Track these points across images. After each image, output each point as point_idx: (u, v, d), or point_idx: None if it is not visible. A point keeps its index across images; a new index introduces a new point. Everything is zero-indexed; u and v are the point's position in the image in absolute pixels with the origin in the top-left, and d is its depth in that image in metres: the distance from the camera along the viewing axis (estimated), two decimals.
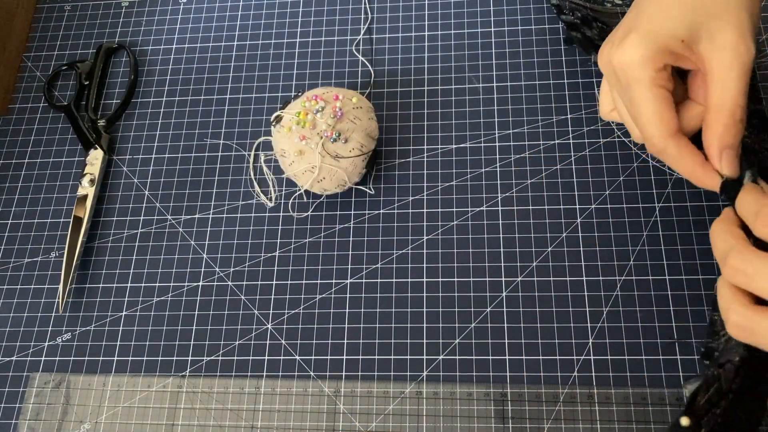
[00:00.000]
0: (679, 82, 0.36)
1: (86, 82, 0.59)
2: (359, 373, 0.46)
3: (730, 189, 0.33)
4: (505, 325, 0.46)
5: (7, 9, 0.61)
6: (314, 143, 0.47)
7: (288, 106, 0.50)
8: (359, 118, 0.48)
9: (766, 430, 0.38)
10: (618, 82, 0.35)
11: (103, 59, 0.60)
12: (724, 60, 0.32)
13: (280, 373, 0.47)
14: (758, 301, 0.30)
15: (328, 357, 0.47)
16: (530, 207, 0.50)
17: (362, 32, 0.58)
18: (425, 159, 0.53)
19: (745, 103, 0.33)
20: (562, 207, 0.49)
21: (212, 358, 0.48)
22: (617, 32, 0.36)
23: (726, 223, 0.33)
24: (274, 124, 0.50)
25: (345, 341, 0.47)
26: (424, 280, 0.49)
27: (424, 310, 0.48)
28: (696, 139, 0.35)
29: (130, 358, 0.49)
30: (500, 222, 0.50)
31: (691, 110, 0.35)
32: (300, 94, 0.51)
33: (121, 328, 0.50)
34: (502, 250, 0.49)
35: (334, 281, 0.49)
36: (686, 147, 0.34)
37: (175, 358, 0.49)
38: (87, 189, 0.54)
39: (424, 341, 0.47)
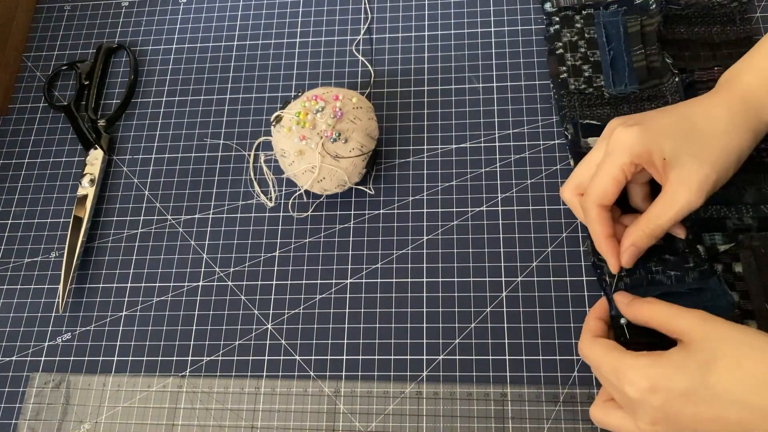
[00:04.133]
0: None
1: (86, 82, 0.59)
2: (359, 373, 0.46)
3: (611, 274, 0.43)
4: (505, 325, 0.46)
5: (7, 9, 0.61)
6: (314, 143, 0.47)
7: (288, 106, 0.50)
8: (359, 118, 0.48)
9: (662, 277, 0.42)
10: (606, 146, 0.41)
11: (103, 59, 0.60)
12: (679, 194, 0.39)
13: (280, 373, 0.47)
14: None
15: (328, 357, 0.47)
16: (530, 207, 0.50)
17: (362, 32, 0.58)
18: (425, 159, 0.53)
19: (668, 228, 0.40)
20: (562, 207, 0.49)
21: (212, 358, 0.48)
22: (634, 117, 0.41)
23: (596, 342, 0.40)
24: (274, 124, 0.50)
25: (345, 341, 0.47)
26: (424, 280, 0.49)
27: (424, 310, 0.48)
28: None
29: (130, 358, 0.49)
30: (500, 222, 0.50)
31: (637, 200, 0.44)
32: (300, 94, 0.51)
33: (121, 328, 0.50)
34: (502, 250, 0.49)
35: (334, 281, 0.49)
36: (604, 220, 0.41)
37: (175, 358, 0.49)
38: (87, 189, 0.54)
39: (424, 341, 0.47)
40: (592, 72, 0.52)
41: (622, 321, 0.41)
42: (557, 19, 0.54)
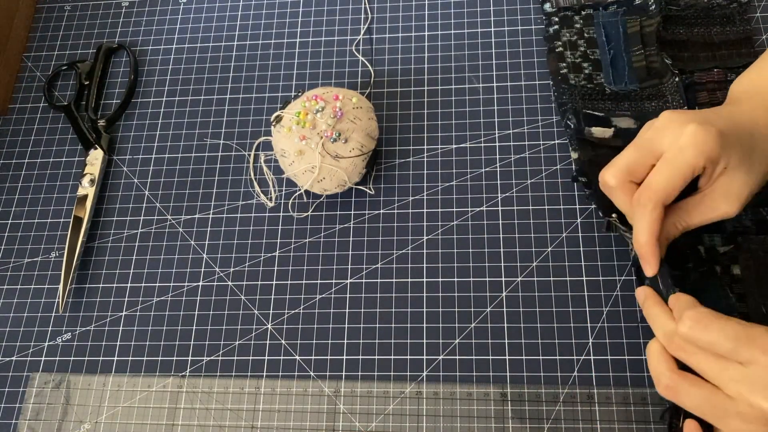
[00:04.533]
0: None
1: (86, 82, 0.59)
2: (359, 373, 0.46)
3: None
4: (505, 325, 0.46)
5: (7, 9, 0.61)
6: (314, 143, 0.47)
7: (288, 106, 0.50)
8: (359, 118, 0.48)
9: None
10: (676, 140, 0.38)
11: (103, 59, 0.60)
12: (720, 204, 0.38)
13: (280, 373, 0.47)
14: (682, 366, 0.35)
15: (328, 357, 0.47)
16: (530, 207, 0.50)
17: (362, 32, 0.58)
18: (425, 159, 0.53)
19: (693, 228, 0.39)
20: (562, 207, 0.49)
21: (212, 358, 0.48)
22: (703, 114, 0.39)
23: (659, 347, 0.37)
24: (274, 124, 0.50)
25: (345, 341, 0.47)
26: (424, 280, 0.49)
27: (424, 310, 0.48)
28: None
29: (130, 358, 0.49)
30: (500, 222, 0.50)
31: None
32: (300, 94, 0.51)
33: (121, 328, 0.50)
34: (502, 250, 0.49)
35: (334, 281, 0.49)
36: (660, 220, 0.38)
37: (175, 358, 0.49)
38: (87, 189, 0.54)
39: (424, 341, 0.47)
40: (592, 69, 0.52)
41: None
42: (556, 19, 0.54)
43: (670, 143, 0.38)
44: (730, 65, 0.50)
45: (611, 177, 0.40)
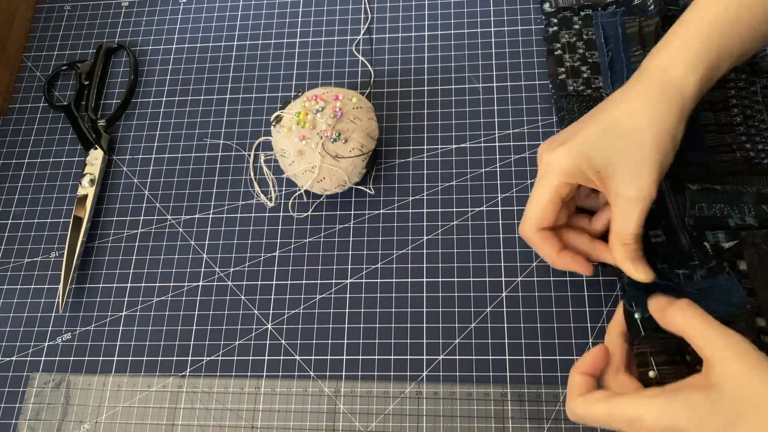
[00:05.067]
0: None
1: (86, 82, 0.59)
2: (359, 373, 0.46)
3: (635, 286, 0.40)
4: (505, 325, 0.46)
5: (7, 9, 0.61)
6: (314, 143, 0.47)
7: (288, 106, 0.50)
8: (359, 118, 0.48)
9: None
10: (538, 171, 0.41)
11: (103, 59, 0.60)
12: (631, 200, 0.38)
13: (280, 373, 0.47)
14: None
15: (328, 357, 0.47)
16: None
17: (362, 32, 0.58)
18: (425, 159, 0.53)
19: (641, 231, 0.39)
20: None
21: (212, 358, 0.48)
22: (561, 135, 0.41)
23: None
24: (274, 124, 0.50)
25: (345, 341, 0.47)
26: (424, 280, 0.49)
27: (424, 310, 0.48)
28: None
29: (130, 358, 0.49)
30: (500, 222, 0.50)
31: (580, 221, 0.43)
32: (300, 94, 0.51)
33: (121, 328, 0.50)
34: (502, 250, 0.49)
35: (334, 281, 0.49)
36: (548, 239, 0.41)
37: (175, 358, 0.49)
38: (87, 189, 0.54)
39: (424, 341, 0.47)
40: (591, 73, 0.52)
41: (636, 316, 0.40)
42: (555, 20, 0.54)
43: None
44: None
45: (526, 231, 0.42)
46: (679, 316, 0.36)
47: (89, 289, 0.52)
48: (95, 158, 0.56)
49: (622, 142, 0.38)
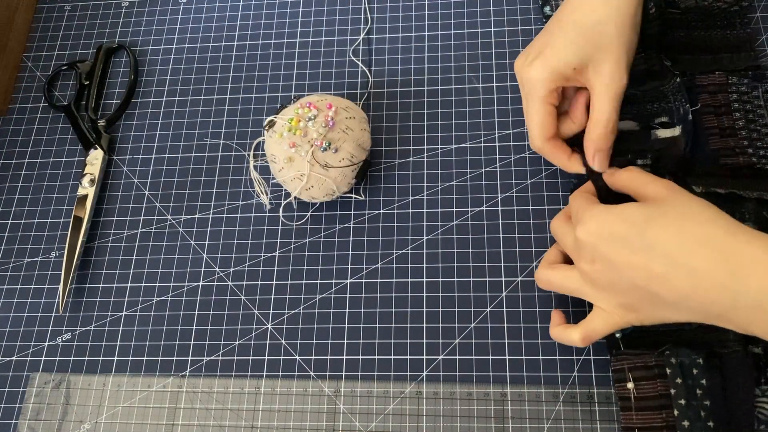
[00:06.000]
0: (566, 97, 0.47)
1: (86, 82, 0.59)
2: (359, 373, 0.46)
3: (595, 176, 0.44)
4: (505, 325, 0.46)
5: (7, 9, 0.61)
6: (304, 151, 0.47)
7: (282, 112, 0.50)
8: (351, 128, 0.48)
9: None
10: (522, 90, 0.45)
11: (103, 59, 0.60)
12: (604, 85, 0.42)
13: (280, 373, 0.47)
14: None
15: (328, 357, 0.47)
16: (530, 207, 0.50)
17: (362, 33, 0.58)
18: (425, 159, 0.53)
19: (617, 118, 0.43)
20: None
21: (212, 358, 0.48)
22: (531, 49, 0.44)
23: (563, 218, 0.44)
24: (266, 128, 0.50)
25: (345, 341, 0.47)
26: (424, 280, 0.49)
27: (424, 310, 0.48)
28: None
29: (130, 358, 0.49)
30: (500, 222, 0.50)
31: (567, 126, 0.46)
32: (294, 100, 0.51)
33: (121, 328, 0.50)
34: (502, 250, 0.49)
35: (334, 281, 0.49)
36: (558, 147, 0.45)
37: (175, 358, 0.49)
38: (87, 189, 0.54)
39: (424, 341, 0.47)
40: None
41: (617, 335, 0.43)
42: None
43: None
44: (730, 68, 0.50)
45: (536, 142, 0.46)
46: (625, 174, 0.41)
47: (89, 289, 0.52)
48: (95, 158, 0.56)
49: (589, 39, 0.42)
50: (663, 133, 0.47)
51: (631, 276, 0.36)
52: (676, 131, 0.47)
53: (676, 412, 0.40)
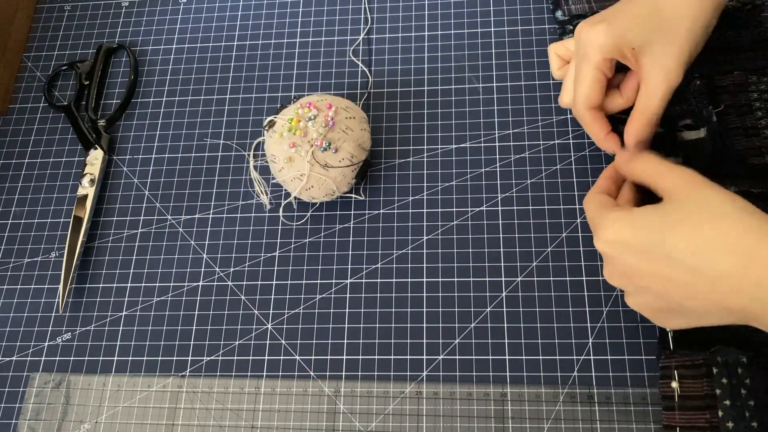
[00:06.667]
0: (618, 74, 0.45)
1: (86, 82, 0.59)
2: (359, 373, 0.46)
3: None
4: (505, 325, 0.46)
5: (7, 9, 0.61)
6: (304, 151, 0.47)
7: (282, 112, 0.50)
8: (351, 128, 0.48)
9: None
10: (578, 52, 0.44)
11: (103, 59, 0.60)
12: (658, 77, 0.41)
13: (280, 373, 0.47)
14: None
15: (328, 357, 0.47)
16: (530, 207, 0.50)
17: (362, 33, 0.58)
18: (425, 159, 0.53)
19: (662, 112, 0.42)
20: (562, 207, 0.49)
21: (212, 358, 0.48)
22: (602, 14, 0.43)
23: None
24: (266, 128, 0.50)
25: (345, 341, 0.47)
26: (424, 280, 0.49)
27: (424, 310, 0.48)
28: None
29: (130, 358, 0.49)
30: (500, 222, 0.50)
31: (615, 100, 0.45)
32: (295, 100, 0.51)
33: (121, 328, 0.50)
34: (502, 250, 0.49)
35: (334, 281, 0.49)
36: (599, 119, 0.44)
37: (175, 358, 0.49)
38: (87, 189, 0.54)
39: (424, 341, 0.47)
40: None
41: (668, 329, 0.42)
42: (571, 27, 0.54)
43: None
44: (748, 68, 0.49)
45: (578, 108, 0.45)
46: (640, 163, 0.39)
47: (89, 289, 0.52)
48: (95, 158, 0.56)
49: (659, 26, 0.41)
50: (688, 135, 0.47)
51: (654, 290, 0.35)
52: (701, 133, 0.46)
53: (720, 413, 0.39)
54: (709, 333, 0.41)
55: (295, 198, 0.50)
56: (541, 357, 0.45)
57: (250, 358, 0.48)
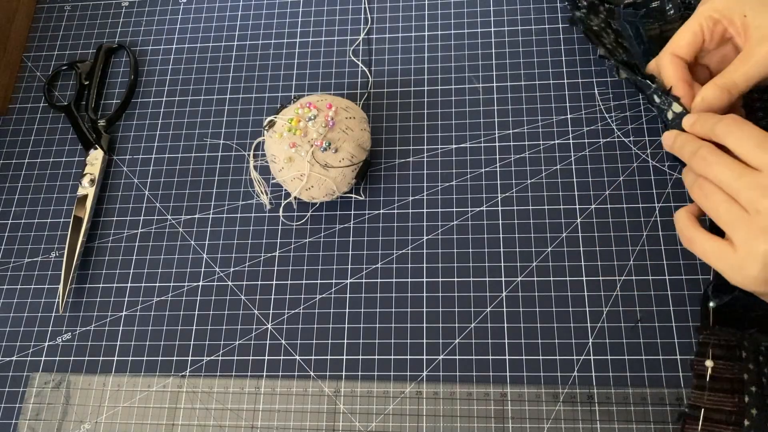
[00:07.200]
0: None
1: (86, 82, 0.59)
2: (359, 373, 0.46)
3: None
4: (505, 325, 0.46)
5: (7, 9, 0.61)
6: (304, 151, 0.47)
7: (282, 112, 0.50)
8: (351, 128, 0.48)
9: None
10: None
11: (103, 59, 0.60)
12: (755, 49, 0.39)
13: (280, 373, 0.47)
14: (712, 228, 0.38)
15: (328, 357, 0.47)
16: (530, 207, 0.50)
17: (362, 33, 0.58)
18: (425, 159, 0.53)
19: (744, 86, 0.39)
20: (562, 207, 0.49)
21: (212, 358, 0.48)
22: None
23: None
24: (266, 128, 0.50)
25: (345, 341, 0.47)
26: (424, 280, 0.49)
27: (424, 310, 0.48)
28: None
29: (130, 358, 0.49)
30: (500, 222, 0.50)
31: (701, 71, 0.44)
32: (295, 100, 0.51)
33: (121, 328, 0.50)
34: (502, 250, 0.49)
35: (334, 281, 0.49)
36: (678, 65, 0.42)
37: (175, 358, 0.49)
38: (87, 189, 0.54)
39: (424, 341, 0.47)
40: (627, 57, 0.50)
41: (711, 304, 0.41)
42: (585, 2, 0.53)
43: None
44: None
45: (664, 58, 0.43)
46: (736, 126, 0.36)
47: (89, 289, 0.52)
48: (95, 158, 0.56)
49: None
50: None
51: None
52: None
53: (746, 399, 0.38)
54: (748, 315, 0.40)
55: (295, 198, 0.50)
56: (541, 357, 0.45)
57: (250, 358, 0.48)
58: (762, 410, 0.38)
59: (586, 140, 0.51)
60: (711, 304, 0.41)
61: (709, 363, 0.40)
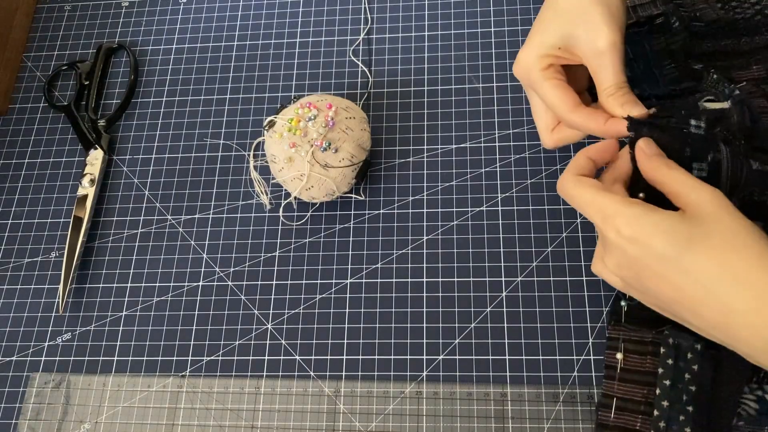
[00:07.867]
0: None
1: (86, 82, 0.59)
2: (359, 373, 0.46)
3: (638, 124, 0.39)
4: (505, 325, 0.46)
5: (7, 9, 0.61)
6: (304, 151, 0.47)
7: (282, 112, 0.50)
8: (351, 128, 0.48)
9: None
10: (526, 87, 0.44)
11: (103, 59, 0.60)
12: (598, 53, 0.40)
13: (280, 373, 0.47)
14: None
15: (328, 357, 0.47)
16: (530, 207, 0.50)
17: (362, 33, 0.58)
18: (425, 159, 0.53)
19: (622, 77, 0.40)
20: (562, 207, 0.49)
21: (212, 358, 0.48)
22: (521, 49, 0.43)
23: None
24: (266, 128, 0.50)
25: (345, 341, 0.47)
26: (424, 280, 0.49)
27: (424, 310, 0.48)
28: None
29: (130, 358, 0.49)
30: (500, 222, 0.50)
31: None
32: (295, 100, 0.51)
33: (121, 328, 0.50)
34: (502, 250, 0.49)
35: (334, 281, 0.49)
36: (591, 113, 0.41)
37: (175, 358, 0.49)
38: (87, 189, 0.54)
39: (424, 341, 0.47)
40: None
41: (623, 303, 0.43)
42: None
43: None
44: (766, 65, 0.49)
45: (565, 113, 0.42)
46: (664, 169, 0.37)
47: (89, 289, 0.52)
48: (95, 158, 0.56)
49: (568, 16, 0.41)
50: (711, 105, 0.44)
51: (658, 293, 0.35)
52: (725, 104, 0.44)
53: (657, 391, 0.40)
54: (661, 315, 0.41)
55: (295, 198, 0.50)
56: (541, 357, 0.45)
57: (250, 358, 0.48)
58: (675, 403, 0.40)
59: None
60: (622, 303, 0.43)
61: (619, 356, 0.42)
